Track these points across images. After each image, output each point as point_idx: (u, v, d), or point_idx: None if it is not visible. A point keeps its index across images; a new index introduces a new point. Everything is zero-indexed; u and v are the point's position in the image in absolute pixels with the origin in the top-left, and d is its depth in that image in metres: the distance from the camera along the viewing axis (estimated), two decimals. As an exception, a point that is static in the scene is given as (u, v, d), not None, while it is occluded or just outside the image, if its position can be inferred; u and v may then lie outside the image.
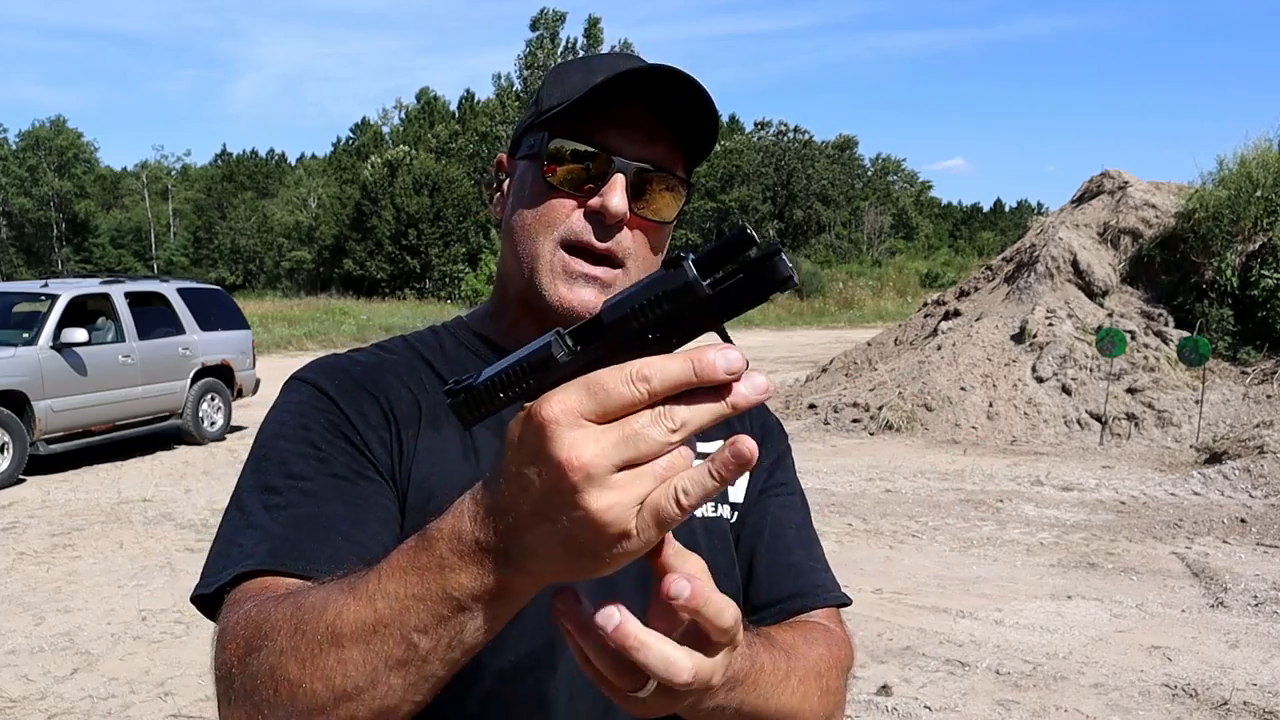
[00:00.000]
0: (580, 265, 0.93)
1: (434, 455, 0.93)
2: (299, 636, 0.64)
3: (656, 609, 0.60)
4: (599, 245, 0.92)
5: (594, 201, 0.92)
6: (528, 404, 0.55)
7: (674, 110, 0.93)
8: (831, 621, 1.02)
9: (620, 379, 0.52)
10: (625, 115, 0.93)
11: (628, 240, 0.94)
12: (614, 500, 0.52)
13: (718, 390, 0.53)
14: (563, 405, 0.52)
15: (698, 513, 0.99)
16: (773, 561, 1.04)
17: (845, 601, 1.06)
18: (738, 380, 0.53)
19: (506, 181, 1.02)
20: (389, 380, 0.96)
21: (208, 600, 0.80)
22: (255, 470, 0.89)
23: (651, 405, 0.52)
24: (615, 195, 0.91)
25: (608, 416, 0.52)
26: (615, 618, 0.56)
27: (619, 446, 0.52)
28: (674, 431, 0.52)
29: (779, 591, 1.02)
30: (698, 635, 0.59)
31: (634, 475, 0.52)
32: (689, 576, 0.57)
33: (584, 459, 0.51)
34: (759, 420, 1.12)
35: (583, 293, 0.93)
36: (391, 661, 0.61)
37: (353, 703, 0.62)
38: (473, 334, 1.05)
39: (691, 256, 0.55)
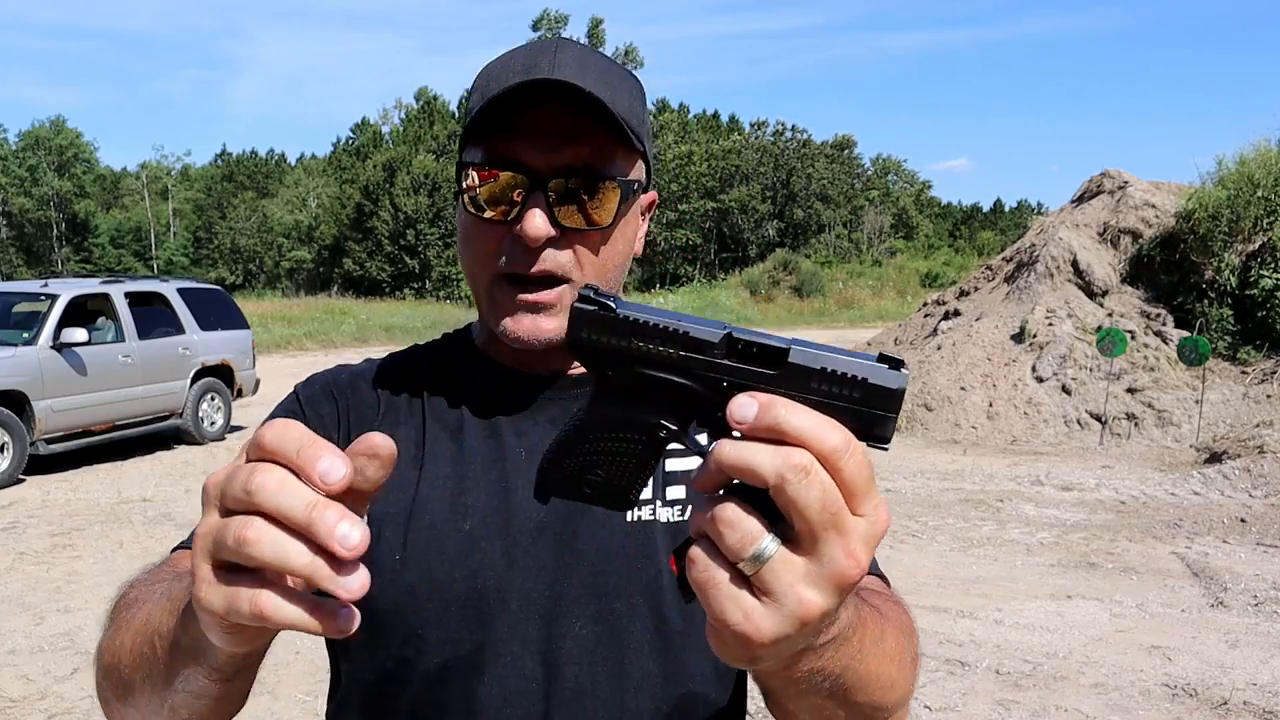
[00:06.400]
0: (516, 295, 0.89)
1: None
2: (118, 617, 0.83)
3: None
4: (529, 271, 0.88)
5: (516, 228, 0.86)
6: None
7: (594, 100, 0.82)
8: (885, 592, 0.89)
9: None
10: (538, 119, 0.84)
11: (563, 256, 0.88)
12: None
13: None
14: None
15: (663, 518, 0.91)
16: None
17: (885, 579, 0.93)
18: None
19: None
20: (360, 385, 0.99)
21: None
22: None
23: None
24: (531, 220, 0.84)
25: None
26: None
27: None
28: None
29: None
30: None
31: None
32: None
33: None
34: None
35: (525, 321, 0.89)
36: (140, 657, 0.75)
37: (114, 678, 0.81)
38: (468, 342, 1.03)
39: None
